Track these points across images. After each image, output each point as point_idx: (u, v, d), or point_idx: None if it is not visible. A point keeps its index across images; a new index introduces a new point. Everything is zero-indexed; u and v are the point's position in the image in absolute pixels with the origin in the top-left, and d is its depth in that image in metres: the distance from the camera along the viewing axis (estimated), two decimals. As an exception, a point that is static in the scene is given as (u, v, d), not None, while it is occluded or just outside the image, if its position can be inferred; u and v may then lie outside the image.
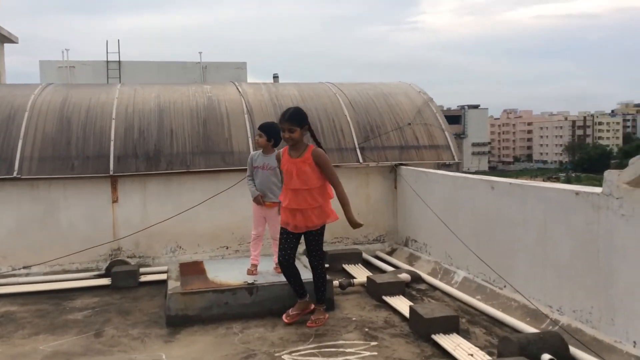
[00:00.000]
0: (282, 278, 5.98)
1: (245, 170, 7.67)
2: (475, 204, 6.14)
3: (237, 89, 9.04)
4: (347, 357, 4.55)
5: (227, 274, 6.23)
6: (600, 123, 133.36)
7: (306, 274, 6.11)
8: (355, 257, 7.52)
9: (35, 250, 7.39)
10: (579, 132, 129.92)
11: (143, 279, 7.07)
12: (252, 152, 6.31)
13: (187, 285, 5.83)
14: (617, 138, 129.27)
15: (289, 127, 5.11)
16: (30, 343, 5.09)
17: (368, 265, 7.49)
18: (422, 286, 6.55)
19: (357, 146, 8.25)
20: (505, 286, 5.61)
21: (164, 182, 7.84)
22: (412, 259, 7.58)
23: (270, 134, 6.00)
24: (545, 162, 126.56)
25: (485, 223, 5.96)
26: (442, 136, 8.60)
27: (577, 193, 4.58)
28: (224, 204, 7.76)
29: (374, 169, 8.35)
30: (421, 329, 4.90)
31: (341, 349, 4.73)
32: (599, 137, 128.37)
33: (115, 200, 7.69)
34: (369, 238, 8.37)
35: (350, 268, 7.27)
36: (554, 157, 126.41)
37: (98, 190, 7.63)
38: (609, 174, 4.23)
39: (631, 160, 4.00)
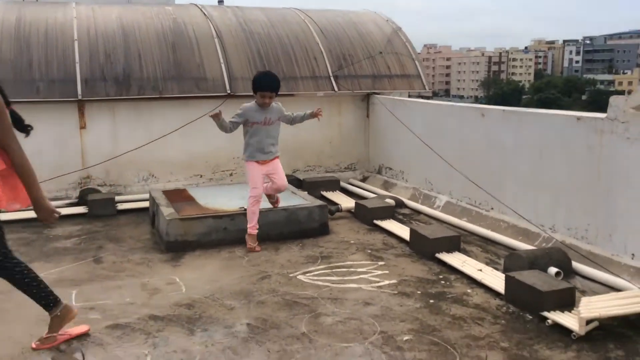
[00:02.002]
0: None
1: (219, 97, 7.58)
2: (463, 131, 6.33)
3: (202, 11, 8.68)
4: (362, 276, 4.71)
5: (217, 200, 6.22)
6: (514, 59, 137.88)
7: (294, 200, 6.19)
8: (333, 184, 7.65)
9: (-1, 179, 7.00)
10: (495, 67, 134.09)
11: (120, 207, 6.92)
12: (245, 105, 5.46)
13: (182, 211, 5.78)
14: (529, 74, 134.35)
15: None
16: (29, 271, 4.92)
17: (345, 192, 7.64)
18: (406, 211, 6.79)
19: (331, 75, 8.21)
20: (492, 208, 5.91)
21: (134, 108, 7.55)
22: (387, 186, 7.79)
23: (279, 89, 5.47)
24: (462, 97, 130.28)
25: (472, 150, 6.17)
26: (412, 65, 8.70)
27: (578, 118, 4.84)
28: (197, 131, 7.57)
29: (347, 98, 8.38)
30: (425, 248, 5.12)
31: (352, 269, 4.88)
32: (513, 73, 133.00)
33: (83, 127, 7.36)
34: (341, 166, 8.49)
35: (330, 194, 7.38)
36: (470, 92, 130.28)
37: (65, 115, 7.27)
38: (615, 99, 4.48)
39: (638, 87, 4.25)
